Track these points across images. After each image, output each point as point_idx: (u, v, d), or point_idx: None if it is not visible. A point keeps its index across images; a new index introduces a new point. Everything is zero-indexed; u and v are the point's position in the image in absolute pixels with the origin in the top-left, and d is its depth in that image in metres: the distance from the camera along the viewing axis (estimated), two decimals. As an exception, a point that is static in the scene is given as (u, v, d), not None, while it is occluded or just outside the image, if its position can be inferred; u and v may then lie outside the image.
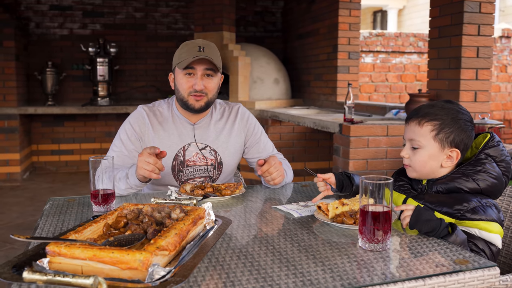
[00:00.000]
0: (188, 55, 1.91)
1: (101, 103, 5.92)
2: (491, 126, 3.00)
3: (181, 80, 1.96)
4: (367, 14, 15.27)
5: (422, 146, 1.54)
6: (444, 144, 1.52)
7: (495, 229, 1.43)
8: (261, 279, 1.05)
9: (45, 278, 0.93)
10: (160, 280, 0.98)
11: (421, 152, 1.54)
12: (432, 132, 1.52)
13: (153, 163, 1.67)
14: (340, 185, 1.69)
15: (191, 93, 1.94)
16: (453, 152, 1.53)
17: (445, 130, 1.51)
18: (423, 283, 1.06)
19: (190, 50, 1.92)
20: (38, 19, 6.22)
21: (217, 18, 5.54)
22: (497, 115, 6.88)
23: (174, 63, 1.99)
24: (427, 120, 1.53)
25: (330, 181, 1.67)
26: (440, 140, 1.52)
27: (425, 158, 1.54)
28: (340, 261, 1.15)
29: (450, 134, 1.52)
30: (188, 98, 1.96)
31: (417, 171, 1.57)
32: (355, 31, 5.03)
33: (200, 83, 1.93)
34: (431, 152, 1.53)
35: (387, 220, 1.23)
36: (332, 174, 1.68)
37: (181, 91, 1.97)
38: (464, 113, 1.55)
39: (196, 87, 1.93)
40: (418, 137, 1.55)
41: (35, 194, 5.06)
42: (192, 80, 1.94)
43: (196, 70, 1.93)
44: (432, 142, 1.52)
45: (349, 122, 3.42)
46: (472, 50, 3.40)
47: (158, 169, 1.69)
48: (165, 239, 1.08)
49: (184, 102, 1.97)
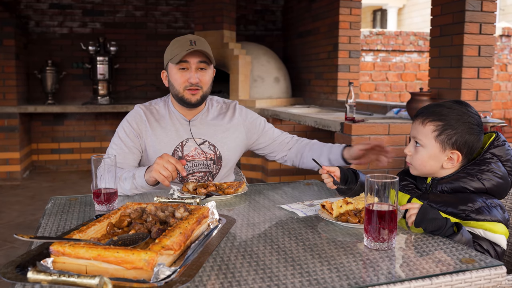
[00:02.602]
0: (180, 49, 1.92)
1: (101, 102, 5.91)
2: (493, 125, 2.99)
3: (175, 75, 1.97)
4: (367, 12, 15.26)
5: (423, 145, 1.53)
6: (446, 145, 1.51)
7: (500, 230, 1.42)
8: (267, 278, 1.04)
9: (50, 278, 0.92)
10: (166, 280, 0.98)
11: (422, 151, 1.54)
12: (434, 132, 1.52)
13: (171, 170, 1.67)
14: (344, 180, 1.68)
15: (187, 88, 1.95)
16: (454, 154, 1.51)
17: (448, 132, 1.50)
18: (430, 282, 1.06)
19: (182, 45, 1.93)
20: (38, 18, 6.20)
21: (218, 17, 5.53)
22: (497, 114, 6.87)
23: (166, 59, 2.00)
24: (431, 120, 1.53)
25: (335, 174, 1.67)
26: (442, 141, 1.51)
27: (425, 158, 1.53)
28: (346, 260, 1.15)
29: (452, 136, 1.50)
30: (184, 93, 1.96)
31: (417, 170, 1.57)
32: (356, 29, 5.02)
33: (195, 76, 1.94)
34: (431, 152, 1.52)
35: (393, 219, 1.22)
36: (337, 168, 1.68)
37: (176, 86, 1.97)
38: (472, 116, 1.52)
39: (191, 80, 1.94)
40: (420, 136, 1.54)
41: (35, 193, 5.05)
42: (187, 74, 1.95)
43: (190, 64, 1.94)
44: (433, 142, 1.52)
45: (350, 121, 3.41)
46: (474, 49, 3.39)
47: (172, 177, 1.69)
48: (170, 238, 1.07)
49: (180, 97, 1.98)
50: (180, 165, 1.69)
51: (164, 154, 1.71)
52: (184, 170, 1.69)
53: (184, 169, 1.70)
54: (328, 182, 1.67)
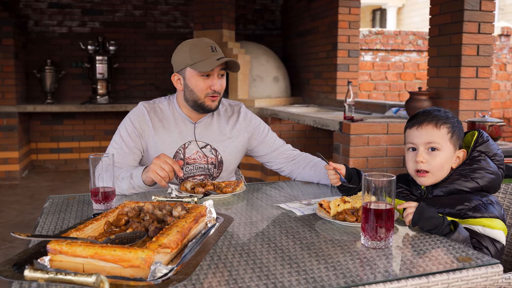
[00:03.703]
0: (203, 56, 1.89)
1: (100, 101, 5.91)
2: (492, 124, 3.00)
3: (196, 82, 1.93)
4: (366, 12, 15.26)
5: (441, 148, 1.55)
6: (456, 145, 1.57)
7: (498, 226, 1.44)
8: (264, 277, 1.04)
9: (47, 276, 0.92)
10: (163, 278, 0.98)
11: (440, 155, 1.54)
12: (448, 134, 1.56)
13: (168, 171, 1.67)
14: (349, 179, 1.71)
15: (209, 95, 1.94)
16: (461, 153, 1.58)
17: (456, 132, 1.57)
18: (427, 280, 1.06)
19: (204, 51, 1.90)
20: (37, 17, 6.20)
21: (217, 16, 5.53)
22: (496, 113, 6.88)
23: (184, 63, 1.93)
24: (443, 122, 1.56)
25: (341, 172, 1.69)
26: (454, 142, 1.56)
27: (443, 161, 1.55)
28: (343, 259, 1.15)
29: (459, 136, 1.58)
30: (205, 99, 1.94)
31: (435, 175, 1.55)
32: (355, 29, 5.03)
33: (218, 83, 1.93)
34: (448, 154, 1.56)
35: (390, 217, 1.23)
36: (344, 166, 1.70)
37: (198, 92, 1.94)
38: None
39: (214, 88, 1.92)
40: (438, 139, 1.54)
41: (34, 193, 5.05)
42: (209, 81, 1.93)
43: (213, 71, 1.92)
44: (449, 144, 1.56)
45: (349, 120, 3.41)
46: (472, 48, 3.39)
47: (168, 178, 1.69)
48: (167, 236, 1.07)
49: (200, 104, 1.95)
50: (177, 166, 1.69)
51: (161, 155, 1.70)
52: (180, 171, 1.69)
53: (181, 170, 1.70)
54: (333, 179, 1.70)
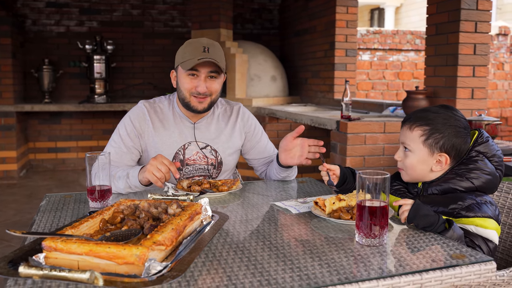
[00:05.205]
0: (192, 55, 1.86)
1: (98, 101, 5.91)
2: (488, 123, 3.00)
3: (183, 80, 1.91)
4: (364, 11, 15.27)
5: (412, 150, 1.56)
6: (434, 149, 1.54)
7: (490, 225, 1.44)
8: (258, 273, 1.05)
9: (41, 273, 0.92)
10: (157, 275, 0.98)
11: (411, 156, 1.57)
12: (421, 137, 1.54)
13: (164, 172, 1.67)
14: (343, 179, 1.71)
15: (193, 94, 1.91)
16: (442, 157, 1.54)
17: (435, 136, 1.53)
18: (420, 277, 1.07)
19: (194, 50, 1.87)
20: (34, 16, 6.19)
21: (214, 15, 5.53)
22: (494, 112, 6.89)
23: (177, 61, 1.94)
24: (418, 125, 1.56)
25: (334, 173, 1.69)
26: (429, 145, 1.54)
27: (415, 162, 1.56)
28: (337, 256, 1.15)
29: (440, 140, 1.53)
30: (190, 99, 1.92)
31: (408, 175, 1.60)
32: (352, 28, 5.03)
33: (203, 85, 1.89)
34: (420, 157, 1.55)
35: (384, 215, 1.23)
36: (337, 167, 1.70)
37: (183, 91, 1.93)
38: (458, 119, 1.55)
39: (199, 89, 1.89)
40: (408, 141, 1.58)
41: (32, 192, 5.05)
42: (195, 81, 1.90)
43: (200, 72, 1.89)
44: (421, 147, 1.55)
45: (346, 119, 3.41)
46: (469, 47, 3.40)
47: (165, 179, 1.69)
48: (161, 234, 1.08)
49: (186, 102, 1.94)
50: (174, 167, 1.68)
51: (158, 155, 1.70)
52: (177, 172, 1.69)
53: (177, 171, 1.70)
54: (327, 180, 1.71)
